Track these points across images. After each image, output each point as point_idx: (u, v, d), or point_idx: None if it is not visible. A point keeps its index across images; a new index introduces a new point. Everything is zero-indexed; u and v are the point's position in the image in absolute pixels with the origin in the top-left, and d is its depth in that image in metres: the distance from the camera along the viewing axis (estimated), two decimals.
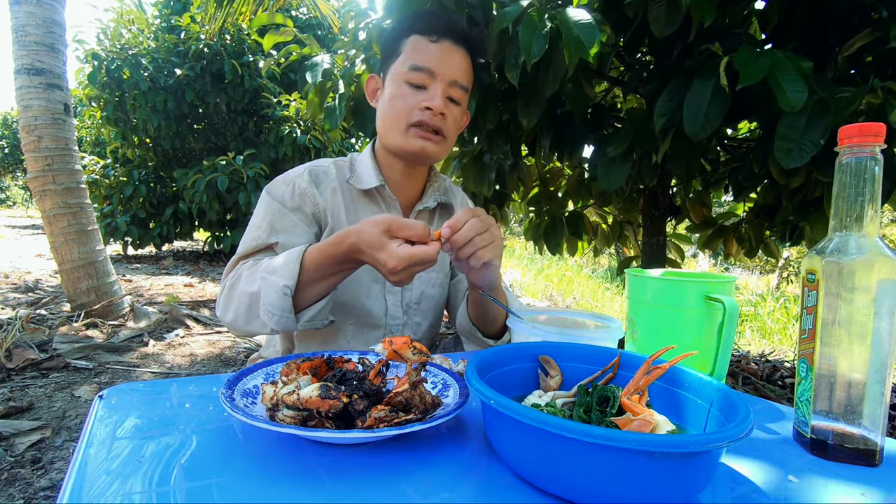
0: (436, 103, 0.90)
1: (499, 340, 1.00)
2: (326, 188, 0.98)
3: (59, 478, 1.46)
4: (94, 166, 6.45)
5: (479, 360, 0.53)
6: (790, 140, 1.16)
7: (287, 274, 0.78)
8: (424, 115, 0.91)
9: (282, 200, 0.95)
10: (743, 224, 2.19)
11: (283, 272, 0.78)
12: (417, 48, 0.92)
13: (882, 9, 1.30)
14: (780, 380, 2.43)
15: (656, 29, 1.28)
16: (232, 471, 0.44)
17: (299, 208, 0.95)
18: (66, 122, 3.08)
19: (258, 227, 0.93)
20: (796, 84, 1.09)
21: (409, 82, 0.92)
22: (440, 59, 0.92)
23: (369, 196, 1.01)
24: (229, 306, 0.86)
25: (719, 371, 0.65)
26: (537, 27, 1.19)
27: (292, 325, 0.80)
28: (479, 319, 0.99)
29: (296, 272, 0.78)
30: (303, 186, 0.96)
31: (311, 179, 0.97)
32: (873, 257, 0.49)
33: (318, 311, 0.83)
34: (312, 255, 0.79)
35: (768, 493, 0.44)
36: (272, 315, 0.79)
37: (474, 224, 0.73)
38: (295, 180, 0.97)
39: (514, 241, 11.47)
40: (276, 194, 0.96)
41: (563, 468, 0.40)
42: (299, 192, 0.96)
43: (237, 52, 6.13)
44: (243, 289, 0.83)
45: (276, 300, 0.78)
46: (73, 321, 3.01)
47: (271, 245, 0.92)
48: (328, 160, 1.04)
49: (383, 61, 0.99)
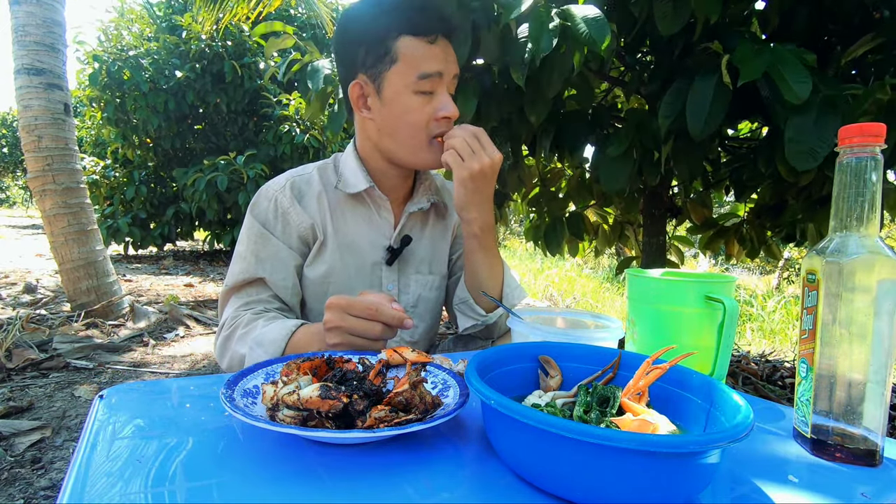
0: (452, 111, 0.88)
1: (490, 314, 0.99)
2: (311, 200, 0.96)
3: (59, 478, 1.46)
4: (94, 167, 6.45)
5: (479, 360, 0.53)
6: (801, 142, 1.15)
7: (272, 351, 0.80)
8: (442, 124, 0.89)
9: (264, 222, 0.94)
10: (744, 225, 2.19)
11: (268, 349, 0.80)
12: (419, 53, 0.85)
13: (884, 8, 1.30)
14: (780, 380, 2.43)
15: (663, 26, 1.27)
16: (232, 471, 0.44)
17: (282, 231, 0.94)
18: (66, 122, 3.08)
19: (244, 258, 0.93)
20: (800, 76, 1.08)
21: (421, 91, 0.87)
22: (443, 59, 0.87)
23: (358, 199, 0.99)
24: (224, 356, 0.88)
25: (719, 371, 0.65)
26: (545, 22, 1.19)
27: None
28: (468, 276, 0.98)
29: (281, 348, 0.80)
30: (285, 205, 0.94)
31: (293, 195, 0.95)
32: (873, 257, 0.49)
33: None
34: (299, 337, 0.81)
35: (768, 493, 0.44)
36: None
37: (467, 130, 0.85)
38: (276, 196, 0.95)
39: (514, 241, 11.46)
40: (259, 215, 0.95)
41: (563, 468, 0.40)
42: (282, 211, 0.94)
43: (237, 53, 6.13)
44: (236, 349, 0.86)
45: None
46: (73, 321, 3.01)
47: (260, 279, 0.92)
48: (311, 166, 1.02)
49: (369, 64, 0.88)
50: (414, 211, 1.02)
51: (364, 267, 0.99)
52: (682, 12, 1.25)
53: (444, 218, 1.10)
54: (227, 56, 5.99)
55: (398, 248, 1.00)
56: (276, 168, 5.85)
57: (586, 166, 2.21)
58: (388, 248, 1.00)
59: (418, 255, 1.04)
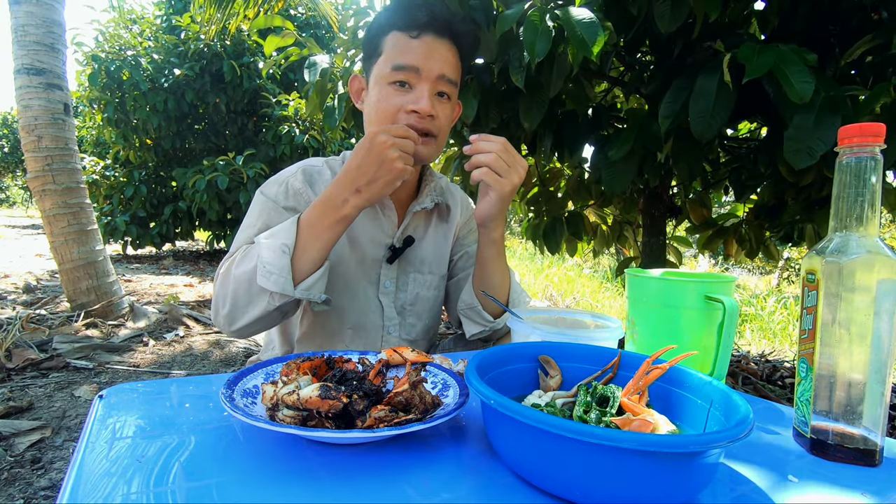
0: (423, 105, 0.87)
1: (498, 320, 0.99)
2: (321, 187, 0.97)
3: (59, 478, 1.46)
4: (94, 167, 6.45)
5: (479, 360, 0.53)
6: (799, 140, 1.15)
7: (284, 235, 0.78)
8: (411, 118, 0.88)
9: (276, 200, 0.94)
10: (743, 225, 2.19)
11: (280, 234, 0.79)
12: (398, 46, 0.88)
13: (882, 9, 1.30)
14: (780, 380, 2.43)
15: (661, 25, 1.27)
16: (232, 471, 0.44)
17: (293, 208, 0.94)
18: (66, 122, 3.08)
19: (252, 225, 0.92)
20: (803, 75, 1.08)
21: (394, 83, 0.88)
22: (424, 55, 0.87)
23: None
24: (226, 297, 0.83)
25: (719, 371, 0.65)
26: (539, 27, 1.19)
27: (290, 289, 0.78)
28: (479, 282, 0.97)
29: (293, 232, 0.78)
30: (297, 186, 0.95)
31: (304, 179, 0.96)
32: (873, 257, 0.49)
33: (315, 282, 0.81)
34: (306, 213, 0.80)
35: (768, 493, 0.44)
36: (270, 274, 0.77)
37: (496, 144, 0.82)
38: (288, 180, 0.96)
39: (513, 240, 11.47)
40: (270, 194, 0.95)
41: (563, 468, 0.40)
42: (293, 191, 0.95)
43: (237, 52, 6.13)
44: (240, 270, 0.81)
45: (275, 259, 0.77)
46: (73, 321, 3.01)
47: None
48: (320, 159, 1.02)
49: (365, 60, 0.96)
50: (417, 210, 1.02)
51: (364, 262, 0.99)
52: (681, 10, 1.25)
53: (447, 219, 1.10)
54: (226, 56, 5.98)
55: (400, 247, 1.00)
56: (276, 168, 5.82)
57: (585, 166, 2.21)
58: (391, 246, 1.00)
59: (419, 254, 1.05)
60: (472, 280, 1.00)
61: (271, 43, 1.96)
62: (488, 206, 0.87)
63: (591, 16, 1.18)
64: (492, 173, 0.83)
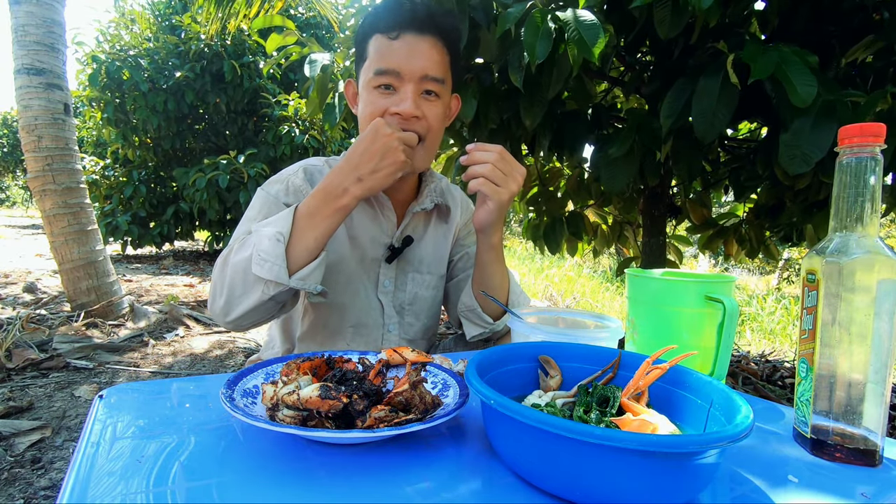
0: (404, 108, 0.86)
1: (497, 321, 0.99)
2: None
3: (59, 478, 1.46)
4: (94, 167, 6.45)
5: (479, 360, 0.53)
6: (795, 146, 1.15)
7: (280, 223, 0.78)
8: (395, 121, 0.87)
9: (277, 196, 0.94)
10: (743, 225, 2.19)
11: (276, 223, 0.78)
12: (379, 50, 0.87)
13: (884, 10, 1.30)
14: (780, 380, 2.43)
15: (661, 30, 1.27)
16: (232, 471, 0.44)
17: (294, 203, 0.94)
18: (66, 122, 3.08)
19: (252, 219, 0.91)
20: (805, 78, 1.07)
21: (378, 87, 0.87)
22: (404, 56, 0.86)
23: None
24: (223, 286, 0.82)
25: (719, 371, 0.65)
26: (540, 28, 1.19)
27: (284, 277, 0.76)
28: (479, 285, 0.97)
29: (289, 221, 0.78)
30: (297, 184, 0.95)
31: (305, 177, 0.96)
32: (873, 257, 0.49)
33: (311, 272, 0.79)
34: (304, 202, 0.80)
35: (768, 493, 0.44)
36: (264, 262, 0.76)
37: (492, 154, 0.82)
38: (290, 178, 0.96)
39: (513, 240, 11.47)
40: (271, 191, 0.95)
41: (563, 468, 0.40)
42: (294, 188, 0.95)
43: (237, 52, 6.13)
44: (237, 258, 0.80)
45: (270, 247, 0.76)
46: (73, 321, 3.01)
47: None
48: (321, 159, 1.02)
49: (356, 65, 0.95)
50: (417, 211, 1.02)
51: (364, 261, 1.00)
52: (680, 18, 1.25)
53: (447, 220, 1.10)
54: (226, 56, 5.98)
55: (399, 247, 1.00)
56: (276, 169, 5.82)
57: (585, 166, 2.21)
58: (390, 246, 1.00)
59: (418, 254, 1.05)
60: (471, 282, 1.00)
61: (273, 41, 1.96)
62: (486, 214, 0.86)
63: (593, 18, 1.18)
64: (489, 183, 0.82)
